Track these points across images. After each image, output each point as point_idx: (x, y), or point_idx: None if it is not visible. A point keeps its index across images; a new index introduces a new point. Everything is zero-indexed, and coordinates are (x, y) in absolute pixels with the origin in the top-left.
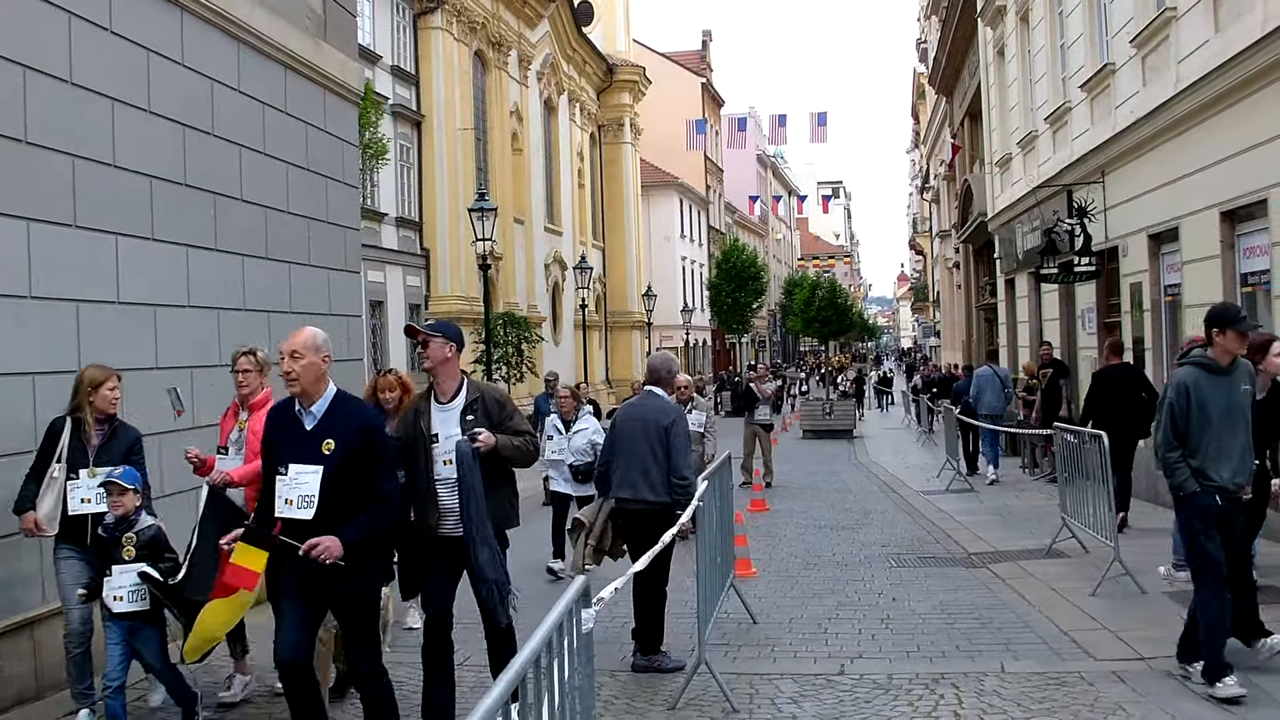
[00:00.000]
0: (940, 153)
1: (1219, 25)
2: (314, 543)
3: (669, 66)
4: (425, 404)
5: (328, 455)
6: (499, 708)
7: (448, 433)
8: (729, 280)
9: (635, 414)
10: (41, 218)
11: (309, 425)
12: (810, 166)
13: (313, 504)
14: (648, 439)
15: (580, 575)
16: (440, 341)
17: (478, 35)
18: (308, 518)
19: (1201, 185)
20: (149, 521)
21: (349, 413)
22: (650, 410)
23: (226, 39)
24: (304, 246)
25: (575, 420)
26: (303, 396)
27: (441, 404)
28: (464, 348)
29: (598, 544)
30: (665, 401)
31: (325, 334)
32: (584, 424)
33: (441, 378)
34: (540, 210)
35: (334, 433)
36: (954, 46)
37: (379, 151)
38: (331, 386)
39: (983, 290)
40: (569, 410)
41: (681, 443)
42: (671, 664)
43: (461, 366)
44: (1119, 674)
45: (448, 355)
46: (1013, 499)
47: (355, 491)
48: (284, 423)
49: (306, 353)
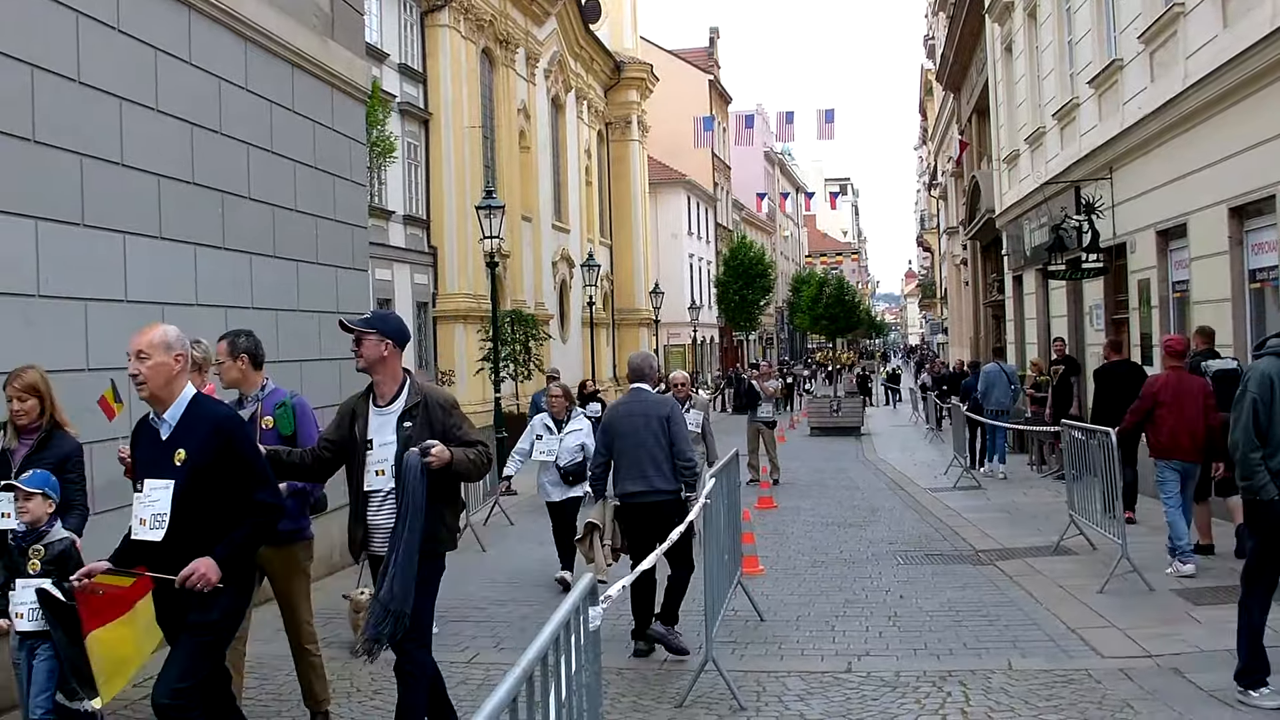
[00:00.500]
0: (948, 149)
1: (1227, 20)
2: (187, 574)
3: (676, 64)
4: (363, 405)
5: (178, 467)
6: (506, 705)
7: (383, 439)
8: (736, 277)
9: (632, 410)
10: (49, 216)
11: (164, 435)
12: (818, 163)
13: (163, 523)
14: (650, 431)
15: (602, 580)
16: (375, 339)
17: (485, 33)
18: (157, 539)
19: (1210, 181)
20: (62, 534)
21: (202, 416)
22: (646, 405)
23: (234, 37)
24: (311, 244)
25: (567, 420)
26: (154, 402)
27: (379, 407)
28: (407, 343)
29: (614, 543)
30: (656, 395)
31: (179, 331)
32: (576, 424)
33: (378, 378)
34: (548, 208)
35: (184, 441)
36: (961, 43)
37: (386, 149)
38: (189, 389)
39: (990, 287)
40: (560, 410)
41: (682, 429)
42: (681, 644)
43: (477, 362)
44: (1126, 671)
45: (383, 354)
46: (1020, 496)
47: (218, 505)
48: (143, 434)
49: (154, 352)
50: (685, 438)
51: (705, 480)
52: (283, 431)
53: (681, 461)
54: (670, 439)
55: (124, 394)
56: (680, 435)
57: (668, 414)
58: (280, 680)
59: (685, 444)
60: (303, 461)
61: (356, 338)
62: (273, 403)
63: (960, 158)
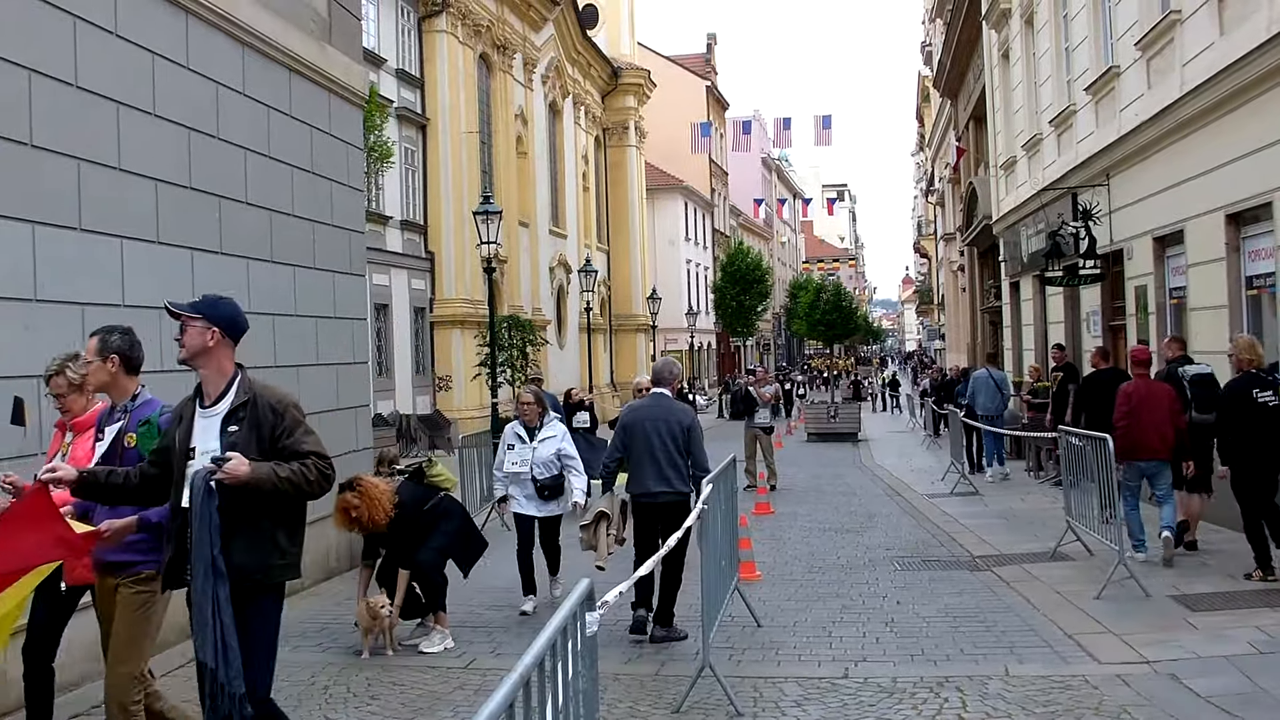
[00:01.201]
0: (945, 156)
1: (1224, 28)
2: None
3: (674, 69)
4: (189, 407)
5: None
6: (503, 710)
7: (205, 446)
8: (734, 283)
9: (654, 414)
10: (47, 221)
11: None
12: (815, 169)
13: None
14: (672, 437)
15: (602, 567)
16: (200, 326)
17: (482, 38)
18: None
19: (1206, 188)
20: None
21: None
22: (669, 411)
23: (231, 42)
24: (309, 249)
25: (540, 427)
26: None
27: (204, 408)
28: (240, 335)
29: (618, 533)
30: (676, 403)
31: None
32: (550, 431)
33: (204, 373)
34: (545, 213)
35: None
36: (959, 50)
37: (384, 155)
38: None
39: (987, 293)
40: (531, 417)
41: (700, 441)
42: (681, 633)
43: (474, 368)
44: (1123, 677)
45: (208, 344)
46: (1017, 502)
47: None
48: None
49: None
50: (703, 449)
51: (702, 501)
52: (143, 452)
53: (698, 471)
54: (689, 449)
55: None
56: (700, 447)
57: (689, 425)
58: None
59: (703, 455)
60: (127, 482)
61: (181, 324)
62: (138, 417)
63: (957, 164)
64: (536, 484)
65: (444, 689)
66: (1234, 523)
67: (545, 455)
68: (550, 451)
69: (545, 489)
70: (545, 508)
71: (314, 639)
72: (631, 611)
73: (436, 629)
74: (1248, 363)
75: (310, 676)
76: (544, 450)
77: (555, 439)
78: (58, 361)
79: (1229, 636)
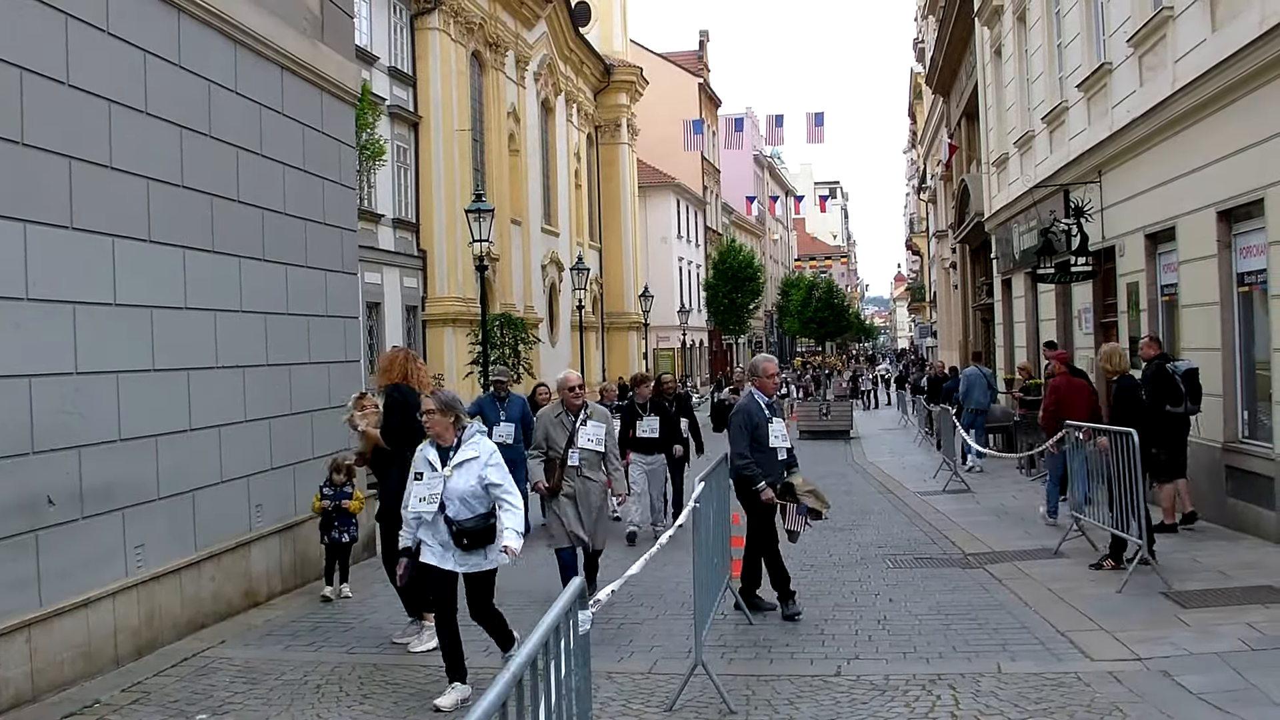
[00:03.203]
0: (937, 153)
1: (1216, 24)
2: None
3: (666, 67)
4: None
5: None
6: (496, 709)
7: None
8: (726, 281)
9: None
10: (38, 220)
11: None
12: (807, 167)
13: None
14: None
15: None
16: None
17: (475, 36)
18: None
19: (1198, 185)
20: None
21: None
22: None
23: (224, 40)
24: (301, 248)
25: (456, 447)
26: None
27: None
28: None
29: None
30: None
31: None
32: (471, 451)
33: None
34: (537, 211)
35: None
36: (951, 47)
37: (376, 153)
38: None
39: (979, 290)
40: (444, 432)
41: (733, 431)
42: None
43: (466, 366)
44: (1115, 674)
45: None
46: (1009, 499)
47: None
48: None
49: None
50: (734, 440)
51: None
52: None
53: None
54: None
55: None
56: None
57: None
58: (270, 685)
59: (733, 446)
60: None
61: None
62: None
63: (949, 161)
64: (452, 527)
65: (436, 688)
66: (1226, 521)
67: (463, 486)
68: (469, 481)
69: (467, 533)
70: (468, 560)
71: (306, 638)
72: (781, 606)
73: (427, 627)
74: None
75: (303, 675)
76: (460, 480)
77: (477, 463)
78: None
79: (1220, 633)
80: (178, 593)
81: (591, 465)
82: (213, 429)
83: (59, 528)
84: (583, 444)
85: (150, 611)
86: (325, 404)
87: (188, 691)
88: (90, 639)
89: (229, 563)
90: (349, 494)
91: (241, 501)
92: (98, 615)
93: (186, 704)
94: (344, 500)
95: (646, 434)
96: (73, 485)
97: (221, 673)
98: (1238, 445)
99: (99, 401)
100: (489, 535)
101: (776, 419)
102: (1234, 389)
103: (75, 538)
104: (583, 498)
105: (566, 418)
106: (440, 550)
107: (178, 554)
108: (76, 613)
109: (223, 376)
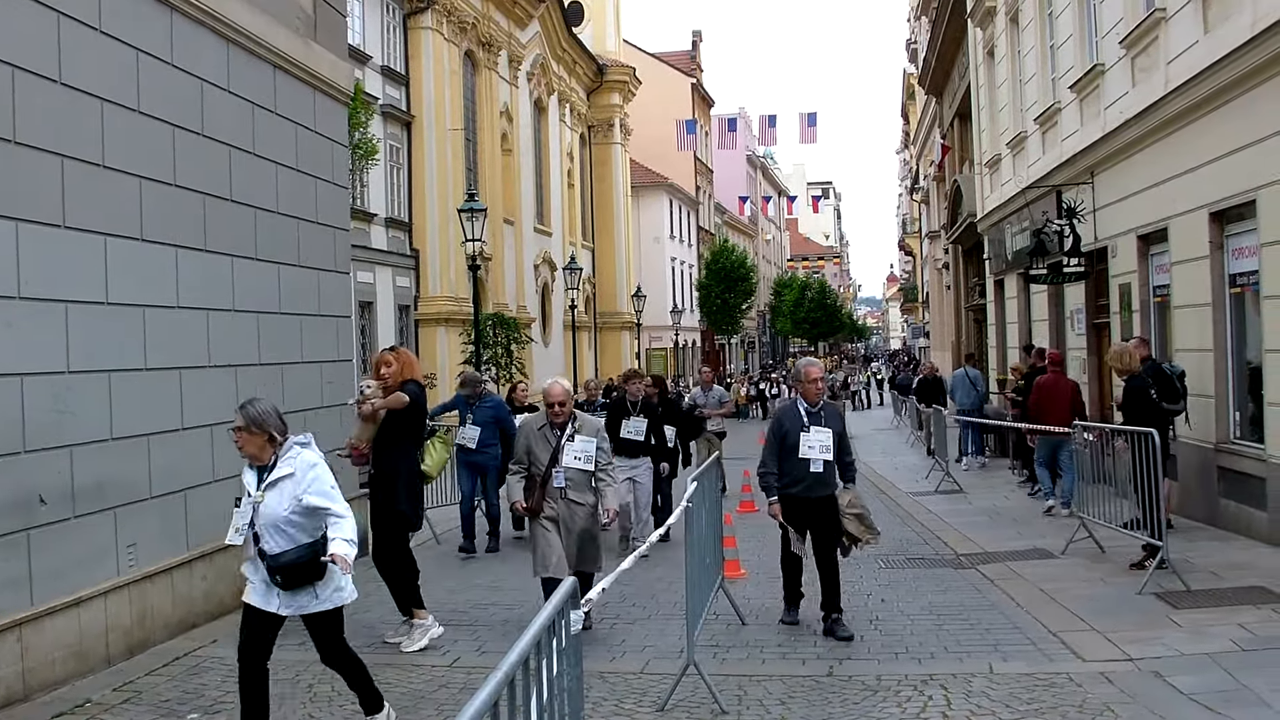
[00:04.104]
0: (930, 153)
1: (1208, 26)
2: None
3: (659, 67)
4: None
5: None
6: (488, 708)
7: None
8: (718, 281)
9: None
10: (30, 218)
11: None
12: (800, 167)
13: None
14: None
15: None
16: None
17: (468, 35)
18: None
19: (1190, 186)
20: None
21: None
22: None
23: (216, 39)
24: (293, 247)
25: (272, 465)
26: None
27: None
28: None
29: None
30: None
31: None
32: (285, 468)
33: None
34: (530, 211)
35: None
36: (944, 47)
37: (369, 152)
38: None
39: (972, 291)
40: (256, 451)
41: (766, 435)
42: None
43: (458, 365)
44: (1107, 675)
45: None
46: (1002, 500)
47: None
48: None
49: None
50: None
51: (686, 499)
52: None
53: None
54: None
55: None
56: None
57: None
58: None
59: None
60: None
61: None
62: None
63: (942, 162)
64: (266, 561)
65: (428, 688)
66: (1217, 522)
67: (275, 512)
68: (282, 505)
69: (281, 571)
70: (294, 601)
71: (297, 637)
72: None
73: (417, 625)
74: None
75: (294, 675)
76: (273, 503)
77: (290, 481)
78: None
79: (1211, 634)
80: (169, 592)
81: (579, 486)
82: (205, 428)
83: (51, 527)
84: (569, 462)
85: (142, 611)
86: (318, 404)
87: (179, 691)
88: (82, 638)
89: (221, 562)
90: None
91: (234, 501)
92: (89, 614)
93: (178, 703)
94: None
95: (631, 435)
96: (64, 484)
97: (213, 672)
98: (1229, 446)
99: (91, 400)
100: (315, 571)
101: (818, 427)
102: (1226, 390)
103: (67, 537)
104: (567, 522)
105: (551, 431)
106: (264, 589)
107: (170, 553)
108: (68, 612)
109: (215, 376)
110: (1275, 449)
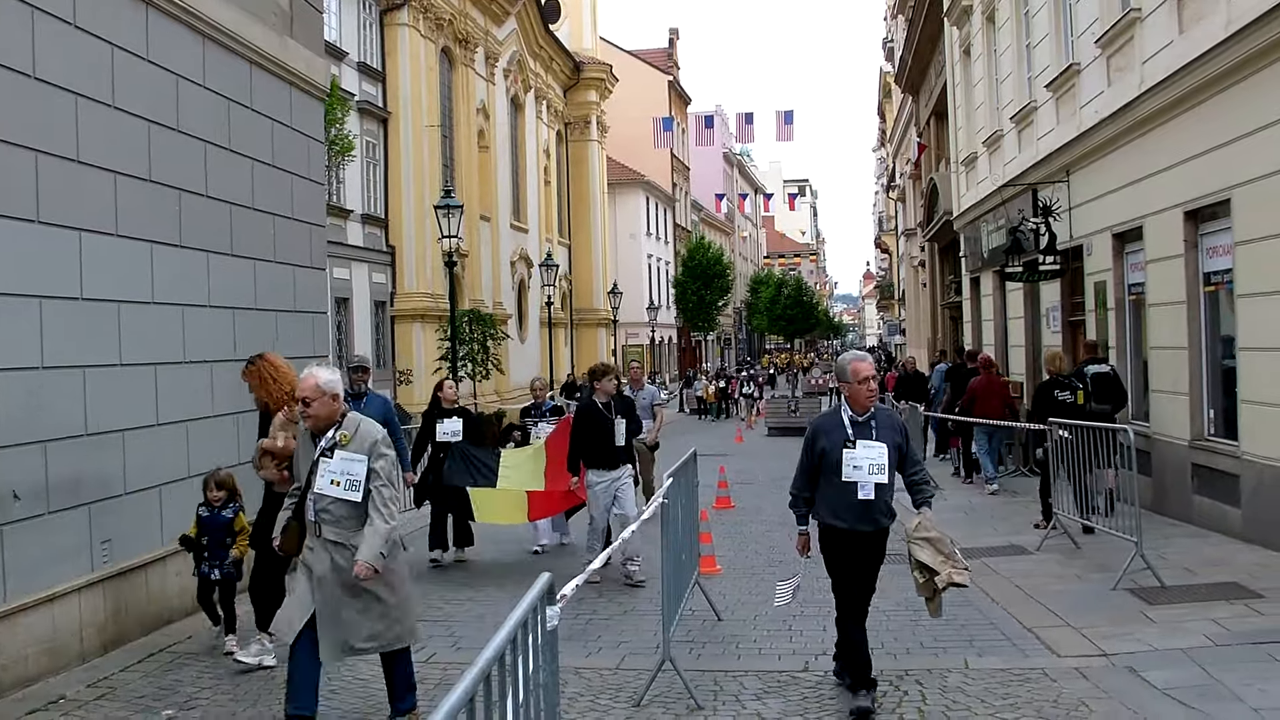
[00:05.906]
0: (906, 151)
1: (1183, 26)
2: None
3: (636, 64)
4: None
5: None
6: (464, 704)
7: None
8: (695, 278)
9: None
10: (3, 213)
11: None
12: (776, 165)
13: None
14: None
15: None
16: None
17: (444, 32)
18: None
19: (1165, 185)
20: None
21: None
22: None
23: (192, 34)
24: (269, 243)
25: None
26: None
27: None
28: None
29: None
30: None
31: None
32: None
33: None
34: (506, 207)
35: None
36: (920, 46)
37: (345, 148)
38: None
39: (948, 288)
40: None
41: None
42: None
43: (434, 362)
44: (1082, 670)
45: None
46: (977, 496)
47: None
48: None
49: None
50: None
51: (661, 495)
52: None
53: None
54: None
55: None
56: None
57: None
58: (237, 680)
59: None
60: None
61: None
62: None
63: (918, 160)
64: None
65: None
66: (1192, 519)
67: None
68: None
69: None
70: None
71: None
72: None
73: (261, 640)
74: (1054, 370)
75: (270, 672)
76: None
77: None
78: None
79: (1186, 629)
80: (144, 588)
81: (339, 522)
82: (180, 424)
83: (24, 522)
84: (322, 487)
85: (117, 607)
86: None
87: (154, 687)
88: (56, 634)
89: None
90: (230, 516)
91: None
92: (63, 610)
93: (153, 699)
94: (223, 523)
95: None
96: (38, 480)
97: (189, 668)
98: (1204, 443)
99: (65, 396)
100: None
101: (866, 442)
102: (1200, 387)
103: (41, 532)
104: (320, 574)
105: (310, 437)
106: None
107: (145, 549)
108: (41, 608)
109: (190, 371)
110: (1249, 446)
